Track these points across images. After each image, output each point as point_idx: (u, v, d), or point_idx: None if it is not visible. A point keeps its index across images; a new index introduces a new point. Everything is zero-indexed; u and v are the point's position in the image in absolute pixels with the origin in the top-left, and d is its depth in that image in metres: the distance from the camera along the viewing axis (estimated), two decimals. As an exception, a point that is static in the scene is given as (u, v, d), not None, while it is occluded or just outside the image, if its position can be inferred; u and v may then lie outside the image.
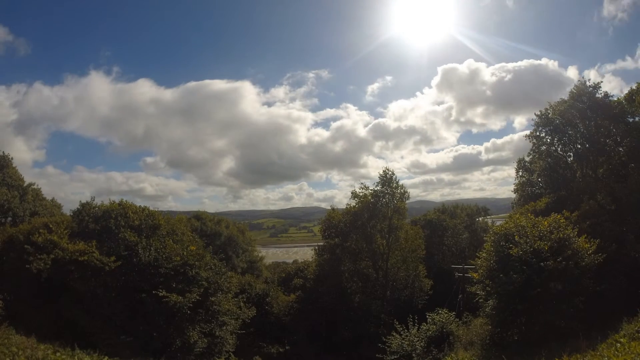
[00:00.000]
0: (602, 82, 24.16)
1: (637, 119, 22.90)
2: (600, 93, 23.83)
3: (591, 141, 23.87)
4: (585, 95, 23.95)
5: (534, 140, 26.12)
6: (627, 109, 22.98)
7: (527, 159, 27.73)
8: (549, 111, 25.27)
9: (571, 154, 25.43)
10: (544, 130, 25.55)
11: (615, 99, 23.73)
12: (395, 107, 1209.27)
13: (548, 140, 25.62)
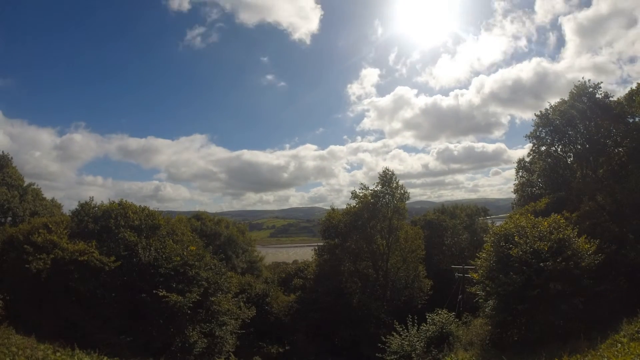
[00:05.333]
0: (602, 82, 24.13)
1: (637, 119, 22.84)
2: (600, 93, 23.77)
3: (591, 141, 23.80)
4: (585, 95, 23.86)
5: (534, 141, 26.06)
6: (627, 109, 22.94)
7: (527, 159, 27.73)
8: (549, 111, 25.23)
9: (571, 154, 25.36)
10: (543, 130, 25.50)
11: (616, 98, 23.73)
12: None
13: (548, 140, 25.56)
